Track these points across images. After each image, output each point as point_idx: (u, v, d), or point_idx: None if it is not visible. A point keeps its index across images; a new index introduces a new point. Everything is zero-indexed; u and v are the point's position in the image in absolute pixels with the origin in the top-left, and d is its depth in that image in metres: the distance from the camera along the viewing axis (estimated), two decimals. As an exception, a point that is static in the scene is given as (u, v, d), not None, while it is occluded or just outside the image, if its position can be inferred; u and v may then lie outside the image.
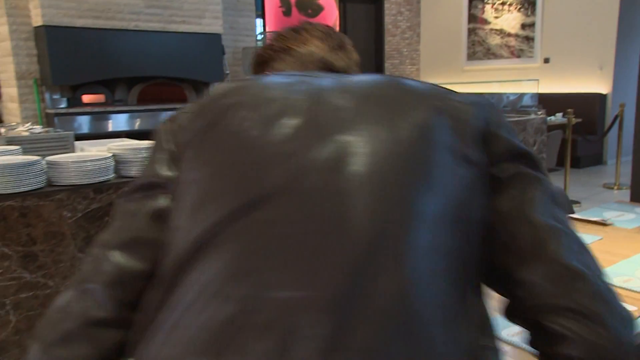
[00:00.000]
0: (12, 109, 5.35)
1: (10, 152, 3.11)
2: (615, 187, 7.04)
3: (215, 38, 5.86)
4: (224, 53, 6.06)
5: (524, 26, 9.13)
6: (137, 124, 5.50)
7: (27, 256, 2.80)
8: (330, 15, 9.55)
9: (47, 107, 5.19)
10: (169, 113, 3.50)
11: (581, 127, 7.79)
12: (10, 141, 3.32)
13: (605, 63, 8.20)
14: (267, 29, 8.51)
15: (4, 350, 2.86)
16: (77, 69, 5.15)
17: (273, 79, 0.95)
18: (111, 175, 3.11)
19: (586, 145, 8.16)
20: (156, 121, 5.51)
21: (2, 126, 4.29)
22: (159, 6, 5.42)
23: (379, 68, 10.04)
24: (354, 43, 1.19)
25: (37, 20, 4.97)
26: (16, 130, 3.72)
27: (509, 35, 9.35)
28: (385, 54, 10.02)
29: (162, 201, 0.88)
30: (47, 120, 5.15)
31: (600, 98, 8.33)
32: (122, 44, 5.33)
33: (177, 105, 5.64)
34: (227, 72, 6.19)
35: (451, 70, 10.08)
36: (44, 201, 2.85)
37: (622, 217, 2.85)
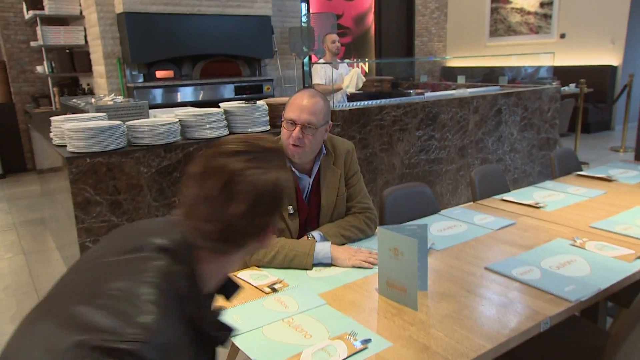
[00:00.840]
0: (101, 83, 5.51)
1: (99, 118, 3.24)
2: (621, 150, 6.86)
3: (265, 19, 5.84)
4: (273, 33, 6.04)
5: (542, 4, 8.84)
6: (200, 95, 5.59)
7: (113, 203, 2.93)
8: (367, -2, 9.36)
9: (128, 81, 5.33)
10: (227, 85, 3.54)
11: (592, 96, 7.80)
12: (98, 109, 3.45)
13: (617, 37, 7.96)
14: (311, 11, 8.44)
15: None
16: (151, 49, 5.25)
17: None
18: (178, 137, 3.21)
19: (596, 113, 8.07)
20: (215, 93, 5.60)
21: (92, 97, 4.45)
22: (218, -7, 5.45)
23: (409, 45, 9.85)
24: (387, 23, 1.20)
25: (119, 8, 5.06)
26: (103, 100, 3.85)
27: (529, 13, 9.06)
28: (415, 33, 9.81)
29: None
30: (128, 92, 5.29)
31: (611, 70, 8.13)
32: (187, 27, 5.37)
33: (234, 79, 5.73)
34: (276, 49, 6.19)
35: (474, 46, 9.82)
36: (126, 158, 2.95)
37: (626, 174, 2.81)
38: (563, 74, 7.23)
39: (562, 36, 8.63)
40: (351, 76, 4.89)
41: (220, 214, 0.91)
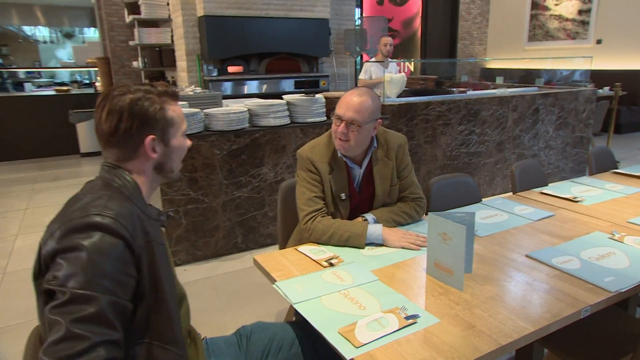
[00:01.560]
0: (182, 76, 5.63)
1: (181, 106, 3.31)
2: (651, 151, 6.42)
3: (324, 22, 5.77)
4: (330, 34, 5.97)
5: (580, 12, 8.35)
6: (264, 88, 5.62)
7: (191, 180, 2.99)
8: (415, 4, 9.10)
9: (205, 75, 5.41)
10: (288, 80, 3.53)
11: (626, 99, 7.39)
12: (182, 98, 3.52)
13: (652, 43, 7.50)
14: (364, 15, 8.29)
15: (179, 242, 3.09)
16: (225, 47, 5.30)
17: None
18: (246, 125, 3.23)
19: (628, 114, 7.67)
20: (277, 86, 5.61)
21: (177, 88, 4.54)
22: (283, -2, 5.44)
23: (452, 48, 9.53)
24: (433, 27, 1.15)
25: (200, 12, 5.13)
26: (185, 91, 3.92)
27: (567, 20, 8.57)
28: (458, 36, 9.48)
29: None
30: (204, 84, 5.38)
31: (645, 74, 7.56)
32: (256, 28, 5.39)
33: (294, 74, 5.71)
34: (332, 48, 6.11)
35: (513, 49, 9.40)
36: (202, 141, 2.99)
37: (660, 173, 2.61)
38: (598, 77, 6.87)
39: (599, 42, 8.16)
40: (398, 80, 4.77)
41: (102, 131, 1.08)
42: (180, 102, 3.55)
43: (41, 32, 11.87)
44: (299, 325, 1.47)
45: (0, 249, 3.50)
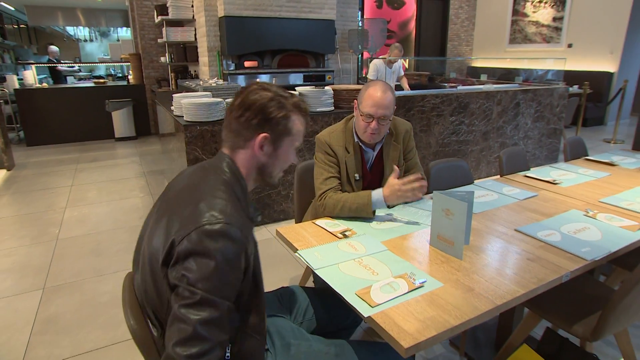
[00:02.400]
0: (204, 70, 5.56)
1: (206, 96, 3.27)
2: (612, 142, 6.41)
3: (330, 23, 5.65)
4: (335, 33, 5.87)
5: (554, 19, 8.26)
6: (275, 81, 5.54)
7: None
8: (410, 8, 8.93)
9: (224, 69, 5.34)
10: (298, 74, 3.48)
11: (592, 97, 7.32)
12: (205, 89, 3.48)
13: (615, 49, 7.45)
14: (365, 17, 8.14)
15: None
16: (242, 44, 5.22)
17: None
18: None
19: (593, 110, 7.66)
20: (287, 79, 5.54)
21: (200, 80, 4.49)
22: (294, 0, 5.32)
23: (442, 48, 9.41)
24: (426, 29, 1.13)
25: (220, 13, 5.03)
26: (208, 83, 3.89)
27: (543, 25, 8.46)
28: (448, 38, 9.33)
29: None
30: (224, 77, 5.31)
31: (608, 75, 7.63)
32: (270, 27, 5.30)
33: (303, 69, 5.64)
34: (337, 46, 6.03)
35: (496, 50, 9.29)
36: (226, 128, 2.96)
37: (625, 161, 2.60)
38: (568, 77, 6.84)
39: (570, 45, 8.09)
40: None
41: (229, 114, 1.06)
42: (204, 93, 3.52)
43: (82, 32, 11.74)
44: (316, 292, 1.47)
45: (53, 219, 3.51)
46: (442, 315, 1.08)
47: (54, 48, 7.94)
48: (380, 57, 5.32)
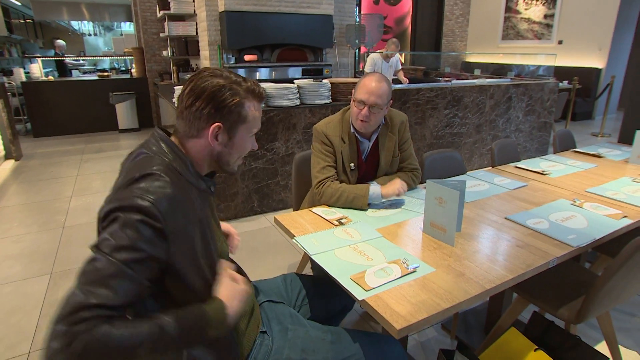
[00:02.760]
0: (205, 63, 5.50)
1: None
2: (600, 135, 6.42)
3: (328, 18, 5.59)
4: (333, 28, 5.82)
5: (546, 16, 8.23)
6: (273, 75, 5.50)
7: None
8: (406, 4, 8.85)
9: (224, 63, 5.30)
10: (296, 68, 3.47)
11: (581, 92, 7.33)
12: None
13: (603, 45, 7.44)
14: (362, 12, 8.07)
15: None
16: (242, 39, 5.16)
17: None
18: (262, 105, 3.18)
19: (581, 105, 7.65)
20: (286, 73, 5.50)
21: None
22: (293, -4, 5.28)
23: (437, 43, 9.34)
24: (421, 25, 1.11)
25: (221, 7, 4.96)
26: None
27: (534, 22, 8.42)
28: (443, 33, 9.27)
29: None
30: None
31: (596, 71, 7.63)
32: (269, 22, 5.24)
33: (301, 63, 5.60)
34: (335, 41, 5.98)
35: (489, 46, 9.24)
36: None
37: (612, 153, 2.60)
38: (558, 72, 6.81)
39: (560, 42, 8.06)
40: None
41: (181, 101, 0.98)
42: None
43: (86, 26, 11.62)
44: (313, 280, 1.46)
45: (59, 208, 3.50)
46: (433, 298, 1.09)
47: (60, 42, 7.85)
48: (378, 51, 5.29)
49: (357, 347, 1.16)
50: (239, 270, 1.19)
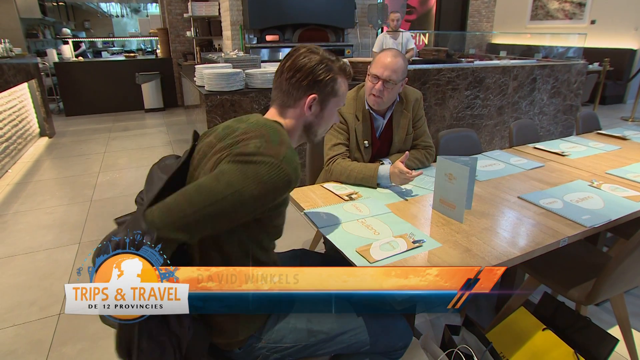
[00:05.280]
0: (227, 43, 5.51)
1: (226, 67, 3.26)
2: (630, 120, 6.11)
3: (350, -3, 5.50)
4: (355, 8, 5.70)
5: (578, -6, 7.69)
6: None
7: (236, 129, 2.97)
8: (431, -16, 8.52)
9: (246, 43, 5.28)
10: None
11: (612, 74, 6.94)
12: (227, 60, 3.46)
13: (639, 25, 6.92)
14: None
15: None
16: (263, 18, 5.13)
17: None
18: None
19: (612, 88, 7.26)
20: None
21: (222, 53, 4.46)
22: (315, -25, 5.17)
23: (462, 24, 9.01)
24: (446, 5, 1.10)
25: (244, -13, 4.95)
26: (229, 54, 3.86)
27: (566, 1, 7.92)
28: (468, 14, 8.92)
29: None
30: (246, 50, 5.26)
31: (631, 52, 7.14)
32: (290, 2, 5.19)
33: (323, 43, 5.52)
34: (357, 21, 5.86)
35: (516, 27, 8.84)
36: (243, 97, 2.96)
37: (637, 135, 2.49)
38: (589, 54, 6.45)
39: (593, 22, 7.58)
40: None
41: (280, 75, 1.07)
42: (225, 64, 3.51)
43: (114, 8, 11.79)
44: (323, 257, 1.47)
45: (87, 183, 3.63)
46: (437, 272, 1.08)
47: (65, 30, 7.95)
48: (387, 30, 5.13)
49: (361, 320, 1.18)
50: None
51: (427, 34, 8.20)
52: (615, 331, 1.72)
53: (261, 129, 0.97)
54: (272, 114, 1.10)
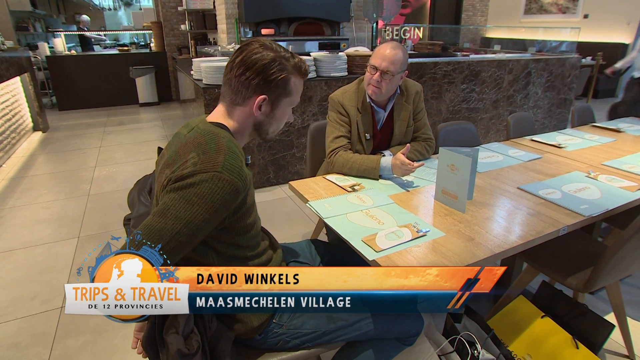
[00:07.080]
0: (222, 37, 5.47)
1: (224, 60, 3.24)
2: (623, 113, 6.16)
3: (346, -9, 5.48)
4: (350, 2, 5.68)
5: (572, -12, 7.74)
6: (291, 48, 5.39)
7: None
8: (426, -22, 8.51)
9: (241, 36, 5.24)
10: (313, 42, 3.38)
11: (604, 68, 6.98)
12: (224, 53, 3.45)
13: (632, 19, 7.00)
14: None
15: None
16: (259, 12, 5.09)
17: None
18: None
19: (605, 82, 7.32)
20: (303, 47, 5.41)
21: (218, 46, 4.42)
22: (312, -31, 5.14)
23: (457, 18, 9.02)
24: (441, 0, 1.08)
25: (237, -21, 4.90)
26: (225, 48, 3.84)
27: (559, -5, 7.97)
28: (463, 8, 8.93)
29: None
30: (241, 44, 5.21)
31: (623, 47, 7.22)
32: (287, -4, 5.16)
33: (318, 37, 5.50)
34: (352, 15, 5.84)
35: (510, 21, 8.87)
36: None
37: (632, 128, 2.53)
38: (582, 48, 6.50)
39: (586, 16, 7.65)
40: None
41: (230, 70, 1.01)
42: (222, 57, 3.49)
43: (106, 1, 11.62)
44: (327, 246, 1.47)
45: (84, 177, 3.61)
46: (442, 260, 1.10)
47: (85, 17, 7.88)
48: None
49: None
50: (265, 231, 1.27)
51: (421, 28, 8.20)
52: (610, 319, 1.77)
53: (199, 137, 0.95)
54: (218, 113, 1.04)
